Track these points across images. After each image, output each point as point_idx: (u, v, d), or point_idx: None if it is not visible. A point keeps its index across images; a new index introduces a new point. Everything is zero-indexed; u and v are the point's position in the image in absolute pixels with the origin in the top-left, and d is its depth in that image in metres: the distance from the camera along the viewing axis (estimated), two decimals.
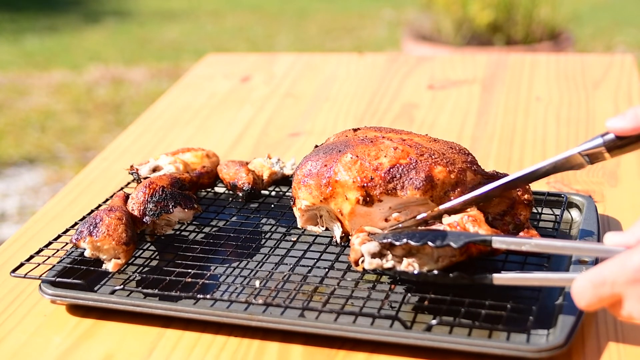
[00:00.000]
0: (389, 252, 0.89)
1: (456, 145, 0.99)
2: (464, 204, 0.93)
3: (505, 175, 0.96)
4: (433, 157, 0.94)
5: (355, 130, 1.03)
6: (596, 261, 0.93)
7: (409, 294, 0.91)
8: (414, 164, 0.93)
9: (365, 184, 0.93)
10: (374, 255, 0.88)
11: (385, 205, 0.94)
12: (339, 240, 0.99)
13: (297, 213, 1.01)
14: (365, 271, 0.89)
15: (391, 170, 0.93)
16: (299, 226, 1.02)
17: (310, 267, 0.96)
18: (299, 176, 0.99)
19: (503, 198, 0.96)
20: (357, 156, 0.95)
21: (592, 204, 1.07)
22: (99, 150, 3.37)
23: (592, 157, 0.89)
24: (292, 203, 1.01)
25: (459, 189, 0.94)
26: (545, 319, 0.86)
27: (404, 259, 0.88)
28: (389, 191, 0.93)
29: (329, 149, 0.99)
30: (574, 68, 1.75)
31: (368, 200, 0.93)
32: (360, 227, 0.94)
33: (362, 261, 0.89)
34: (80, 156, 3.66)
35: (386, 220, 0.94)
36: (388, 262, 0.88)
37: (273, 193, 1.18)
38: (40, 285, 0.94)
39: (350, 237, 0.95)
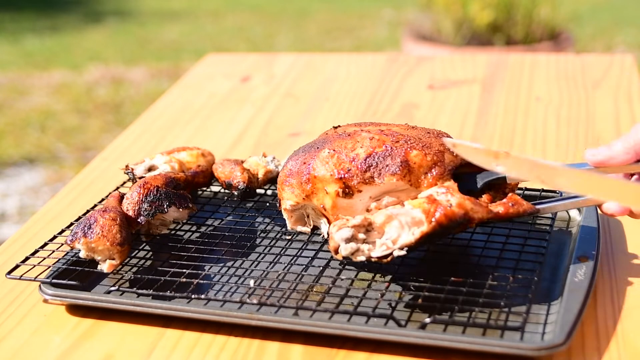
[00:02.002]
0: (363, 235, 0.88)
1: (434, 131, 0.99)
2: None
3: None
4: (409, 142, 0.95)
5: (336, 127, 1.04)
6: (596, 258, 0.93)
7: (404, 292, 0.91)
8: (389, 151, 0.94)
9: (342, 176, 0.94)
10: (347, 241, 0.88)
11: (366, 195, 0.94)
12: (326, 236, 0.99)
13: (285, 214, 1.01)
14: (345, 259, 0.89)
15: (367, 159, 0.94)
16: (288, 228, 1.02)
17: (305, 266, 0.96)
18: (281, 177, 0.99)
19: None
20: (334, 150, 0.96)
21: None
22: (99, 150, 3.37)
23: None
24: (278, 205, 1.02)
25: (437, 171, 0.93)
26: (544, 317, 0.86)
27: (377, 240, 0.88)
28: (367, 180, 0.93)
29: (308, 147, 0.99)
30: (574, 68, 1.75)
31: (347, 191, 0.94)
32: (337, 216, 0.94)
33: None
34: (80, 156, 3.66)
35: (368, 210, 0.94)
36: (362, 253, 0.87)
37: (269, 192, 1.18)
38: (40, 285, 0.94)
39: None
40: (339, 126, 1.04)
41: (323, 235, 1.00)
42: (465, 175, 0.96)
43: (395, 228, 0.88)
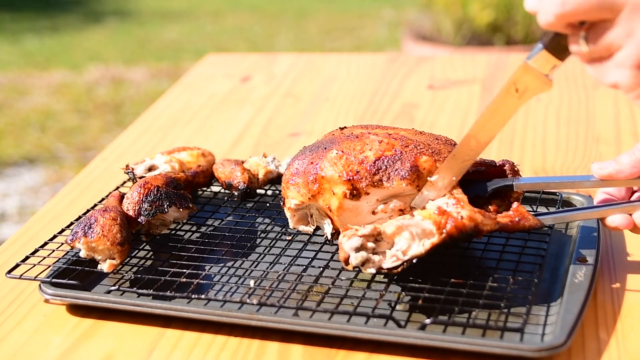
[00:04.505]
0: (372, 244, 0.88)
1: (442, 137, 0.99)
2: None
3: (492, 162, 0.97)
4: (418, 147, 0.95)
5: (342, 128, 1.04)
6: (596, 259, 0.93)
7: (404, 292, 0.91)
8: (399, 155, 0.94)
9: (351, 177, 0.94)
10: (357, 250, 0.88)
11: (373, 198, 0.94)
12: (329, 237, 0.99)
13: (288, 213, 1.01)
14: (356, 269, 0.89)
15: (376, 162, 0.94)
16: (290, 227, 1.02)
17: (305, 267, 0.96)
18: (287, 176, 0.99)
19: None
20: (342, 151, 0.96)
21: (591, 203, 1.07)
22: (99, 150, 3.37)
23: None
24: (282, 204, 1.02)
25: None
26: (544, 318, 0.86)
27: (387, 251, 0.88)
28: (375, 183, 0.93)
29: (315, 147, 0.99)
30: (574, 68, 1.75)
31: (355, 193, 0.94)
32: (346, 225, 0.94)
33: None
34: (80, 156, 3.66)
35: (374, 213, 0.94)
36: (372, 264, 0.87)
37: (269, 192, 1.18)
38: (40, 285, 0.94)
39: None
40: (345, 127, 1.04)
41: (326, 236, 0.99)
42: (472, 182, 0.96)
43: (406, 239, 0.88)
